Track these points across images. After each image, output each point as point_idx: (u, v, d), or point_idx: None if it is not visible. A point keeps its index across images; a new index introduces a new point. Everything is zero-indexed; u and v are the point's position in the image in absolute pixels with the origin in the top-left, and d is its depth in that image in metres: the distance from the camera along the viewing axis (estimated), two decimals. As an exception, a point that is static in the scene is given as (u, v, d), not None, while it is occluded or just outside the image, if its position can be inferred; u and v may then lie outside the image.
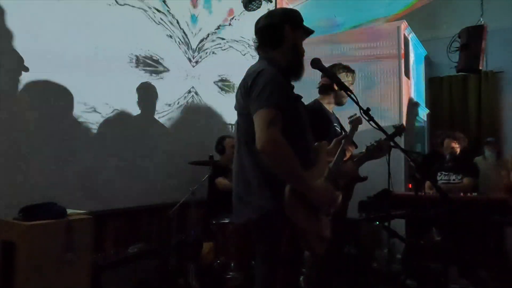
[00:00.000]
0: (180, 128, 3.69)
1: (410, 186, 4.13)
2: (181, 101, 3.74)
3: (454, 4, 5.29)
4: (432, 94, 6.12)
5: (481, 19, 4.05)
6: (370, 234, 4.12)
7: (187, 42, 3.83)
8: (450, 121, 5.90)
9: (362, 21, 5.61)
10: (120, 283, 2.46)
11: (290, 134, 1.52)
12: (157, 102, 3.46)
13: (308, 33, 1.81)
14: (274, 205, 1.52)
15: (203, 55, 4.02)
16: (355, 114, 2.06)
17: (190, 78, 3.84)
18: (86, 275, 2.20)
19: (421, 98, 5.57)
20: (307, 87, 2.47)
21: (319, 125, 2.28)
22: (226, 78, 4.31)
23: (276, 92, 1.52)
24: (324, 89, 2.63)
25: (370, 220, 3.29)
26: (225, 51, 4.32)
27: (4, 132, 2.34)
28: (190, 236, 3.14)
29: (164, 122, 3.53)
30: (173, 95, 3.64)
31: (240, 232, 2.93)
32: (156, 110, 3.46)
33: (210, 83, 4.11)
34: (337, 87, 2.50)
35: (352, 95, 1.79)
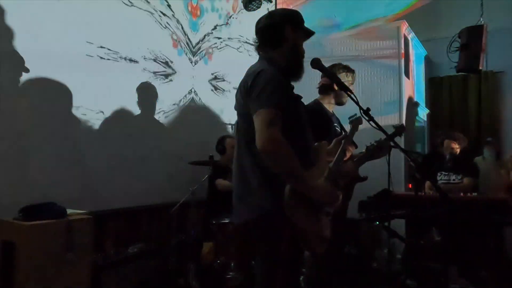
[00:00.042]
0: (180, 128, 3.69)
1: (410, 186, 4.13)
2: (181, 101, 3.74)
3: (454, 4, 5.28)
4: (432, 94, 6.12)
5: (481, 19, 4.05)
6: (370, 234, 4.12)
7: (187, 42, 3.83)
8: (450, 121, 5.90)
9: (362, 21, 5.61)
10: (120, 283, 2.47)
11: (290, 134, 1.52)
12: (157, 102, 3.46)
13: (308, 34, 1.80)
14: (274, 205, 1.52)
15: (203, 55, 4.02)
16: (355, 114, 2.06)
17: (190, 78, 3.84)
18: (86, 275, 2.21)
19: (421, 98, 5.57)
20: (307, 87, 2.47)
21: (319, 125, 2.28)
22: (226, 78, 4.31)
23: (276, 92, 1.52)
24: (324, 89, 2.63)
25: (370, 220, 3.29)
26: (225, 51, 4.32)
27: (4, 132, 2.34)
28: (190, 236, 3.14)
29: (164, 122, 3.53)
30: (173, 95, 3.64)
31: (240, 232, 2.93)
32: (156, 110, 3.46)
33: (210, 83, 4.11)
34: (337, 87, 2.50)
35: (352, 95, 1.79)
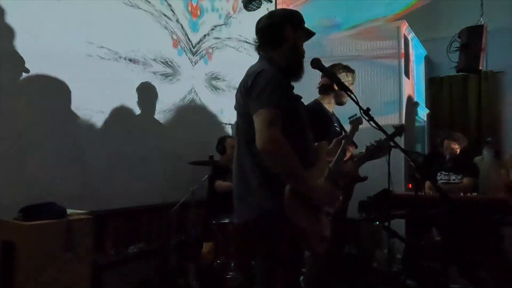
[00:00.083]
0: (180, 128, 3.69)
1: (410, 186, 4.13)
2: (181, 101, 3.74)
3: (454, 4, 5.28)
4: (432, 94, 6.12)
5: (481, 19, 4.05)
6: (370, 234, 4.12)
7: (187, 42, 3.83)
8: (450, 121, 5.90)
9: (362, 21, 5.61)
10: (120, 283, 2.46)
11: (290, 134, 1.52)
12: (157, 102, 3.46)
13: (309, 35, 1.80)
14: (274, 205, 1.52)
15: (203, 55, 4.02)
16: (356, 114, 2.06)
17: (190, 78, 3.84)
18: (86, 275, 2.21)
19: (421, 98, 5.57)
20: (307, 87, 2.47)
21: (319, 125, 2.28)
22: (226, 78, 4.31)
23: (276, 92, 1.52)
24: (324, 89, 2.63)
25: (370, 220, 3.29)
26: (225, 51, 4.32)
27: (4, 131, 2.34)
28: (190, 236, 3.14)
29: (164, 122, 3.53)
30: (173, 95, 3.64)
31: (240, 232, 2.93)
32: (156, 110, 3.46)
33: (210, 83, 4.11)
34: (337, 87, 2.50)
35: (352, 95, 1.79)
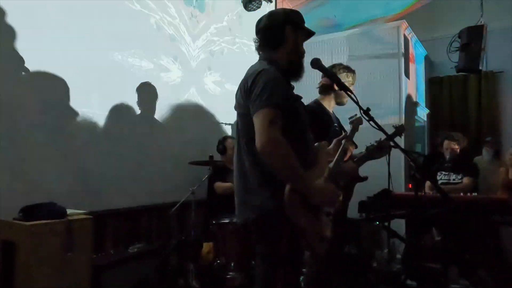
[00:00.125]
0: (180, 128, 3.69)
1: (410, 186, 4.12)
2: (181, 101, 3.73)
3: (454, 4, 5.29)
4: (432, 94, 6.12)
5: (481, 19, 4.06)
6: (370, 234, 4.12)
7: (188, 41, 3.83)
8: (450, 121, 5.91)
9: (362, 21, 5.61)
10: (120, 283, 2.46)
11: (290, 134, 1.52)
12: (157, 102, 3.46)
13: (309, 34, 1.80)
14: (274, 205, 1.52)
15: (203, 55, 4.02)
16: (356, 115, 2.06)
17: (190, 78, 3.84)
18: (86, 275, 2.21)
19: (421, 98, 5.57)
20: (307, 87, 2.47)
21: (319, 125, 2.28)
22: (227, 78, 4.31)
23: (276, 92, 1.52)
24: (324, 89, 2.63)
25: (370, 220, 3.29)
26: (225, 51, 4.32)
27: (4, 132, 2.34)
28: (190, 236, 3.14)
29: (164, 122, 3.53)
30: (173, 95, 3.63)
31: (240, 232, 2.93)
32: (156, 110, 3.46)
33: (210, 83, 4.11)
34: (337, 87, 2.50)
35: (352, 95, 1.79)
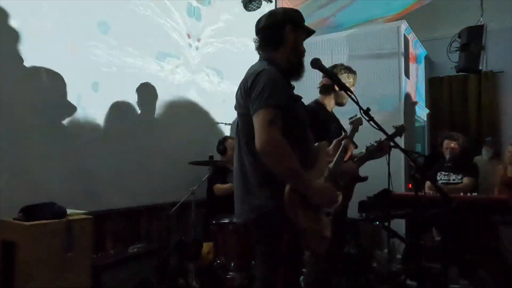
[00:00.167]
0: (180, 128, 3.69)
1: (410, 186, 4.12)
2: (181, 101, 3.73)
3: (454, 4, 5.29)
4: (432, 94, 6.12)
5: (481, 19, 4.06)
6: (370, 234, 4.12)
7: (188, 41, 3.82)
8: (450, 121, 5.91)
9: (362, 21, 5.61)
10: (120, 283, 2.46)
11: (290, 134, 1.52)
12: (157, 102, 3.46)
13: (309, 33, 1.80)
14: (274, 205, 1.52)
15: (203, 55, 4.02)
16: (356, 115, 2.06)
17: (190, 77, 3.83)
18: (86, 275, 2.21)
19: (421, 98, 5.57)
20: (307, 87, 2.47)
21: (319, 125, 2.28)
22: (227, 77, 4.31)
23: (276, 92, 1.52)
24: (324, 89, 2.63)
25: (370, 220, 3.29)
26: (225, 51, 4.32)
27: (4, 132, 2.34)
28: (190, 236, 3.14)
29: (164, 122, 3.52)
30: (173, 95, 3.63)
31: (240, 232, 2.93)
32: (155, 110, 3.46)
33: (210, 83, 4.11)
34: (337, 88, 2.50)
35: (352, 95, 1.79)
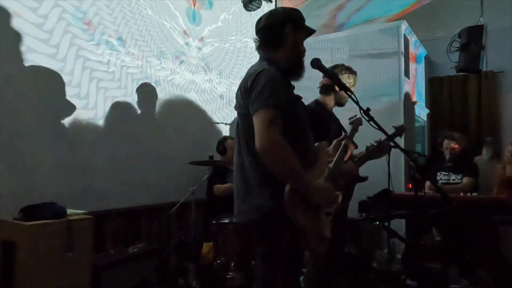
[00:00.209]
0: (180, 128, 3.69)
1: (410, 186, 4.12)
2: (181, 101, 3.73)
3: (454, 4, 5.29)
4: (432, 94, 6.12)
5: (481, 19, 4.06)
6: (370, 234, 4.12)
7: (187, 41, 3.83)
8: (450, 121, 5.90)
9: (362, 21, 5.62)
10: (120, 283, 2.46)
11: (290, 134, 1.52)
12: (157, 102, 3.46)
13: (309, 32, 1.79)
14: (274, 205, 1.52)
15: (203, 55, 4.02)
16: (356, 115, 2.06)
17: (190, 77, 3.84)
18: (86, 275, 2.21)
19: (421, 98, 5.57)
20: (307, 87, 2.47)
21: (319, 125, 2.28)
22: (227, 77, 4.31)
23: (276, 92, 1.52)
24: (325, 89, 2.63)
25: (370, 220, 3.29)
26: (225, 51, 4.32)
27: (4, 132, 2.34)
28: (190, 236, 3.14)
29: (164, 122, 3.52)
30: (173, 95, 3.63)
31: (240, 232, 2.93)
32: (156, 110, 3.46)
33: (210, 83, 4.11)
34: (337, 88, 2.50)
35: (352, 96, 1.79)
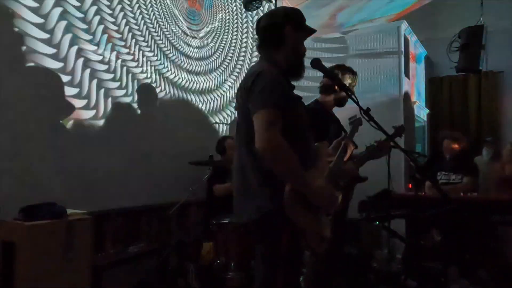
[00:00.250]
0: (180, 128, 3.69)
1: (410, 186, 4.13)
2: (181, 101, 3.73)
3: (454, 4, 5.29)
4: (432, 94, 6.12)
5: (481, 19, 4.06)
6: (370, 234, 4.13)
7: (187, 41, 3.82)
8: (450, 121, 5.91)
9: (362, 21, 5.61)
10: (120, 283, 2.46)
11: (290, 134, 1.52)
12: (157, 102, 3.46)
13: (310, 32, 1.79)
14: (274, 205, 1.52)
15: (203, 55, 4.02)
16: (356, 115, 2.06)
17: (190, 77, 3.84)
18: (86, 275, 2.20)
19: (421, 98, 5.57)
20: (307, 87, 2.48)
21: (319, 125, 2.28)
22: (226, 77, 4.31)
23: (276, 92, 1.52)
24: (325, 89, 2.63)
25: (370, 220, 3.29)
26: (225, 50, 4.32)
27: (4, 132, 2.34)
28: (190, 236, 3.14)
29: (164, 122, 3.52)
30: (173, 95, 3.63)
31: (240, 232, 2.93)
32: (156, 110, 3.46)
33: (209, 83, 4.11)
34: (338, 88, 2.50)
35: (352, 96, 1.79)
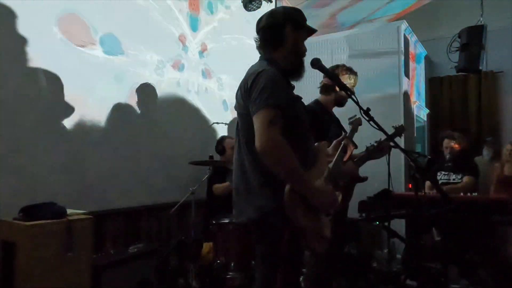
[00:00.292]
0: (180, 128, 3.69)
1: (410, 186, 4.13)
2: (181, 100, 3.73)
3: (454, 4, 5.30)
4: (432, 94, 6.13)
5: (481, 19, 4.06)
6: (370, 234, 4.13)
7: (187, 42, 3.82)
8: (450, 121, 5.91)
9: (362, 21, 5.62)
10: (120, 283, 2.46)
11: (290, 134, 1.52)
12: (156, 102, 3.46)
13: (310, 32, 1.79)
14: (274, 205, 1.52)
15: (203, 55, 4.02)
16: (355, 116, 2.06)
17: (190, 77, 3.84)
18: (86, 275, 2.21)
19: (421, 98, 5.57)
20: (307, 87, 2.47)
21: (319, 125, 2.28)
22: (227, 77, 4.31)
23: (276, 92, 1.52)
24: (325, 89, 2.63)
25: (370, 220, 3.29)
26: (226, 51, 4.32)
27: (4, 132, 2.34)
28: (190, 236, 3.14)
29: (164, 122, 3.52)
30: (173, 95, 3.63)
31: (240, 232, 2.93)
32: (155, 110, 3.46)
33: (210, 83, 4.11)
34: (338, 88, 2.50)
35: (352, 96, 1.79)
